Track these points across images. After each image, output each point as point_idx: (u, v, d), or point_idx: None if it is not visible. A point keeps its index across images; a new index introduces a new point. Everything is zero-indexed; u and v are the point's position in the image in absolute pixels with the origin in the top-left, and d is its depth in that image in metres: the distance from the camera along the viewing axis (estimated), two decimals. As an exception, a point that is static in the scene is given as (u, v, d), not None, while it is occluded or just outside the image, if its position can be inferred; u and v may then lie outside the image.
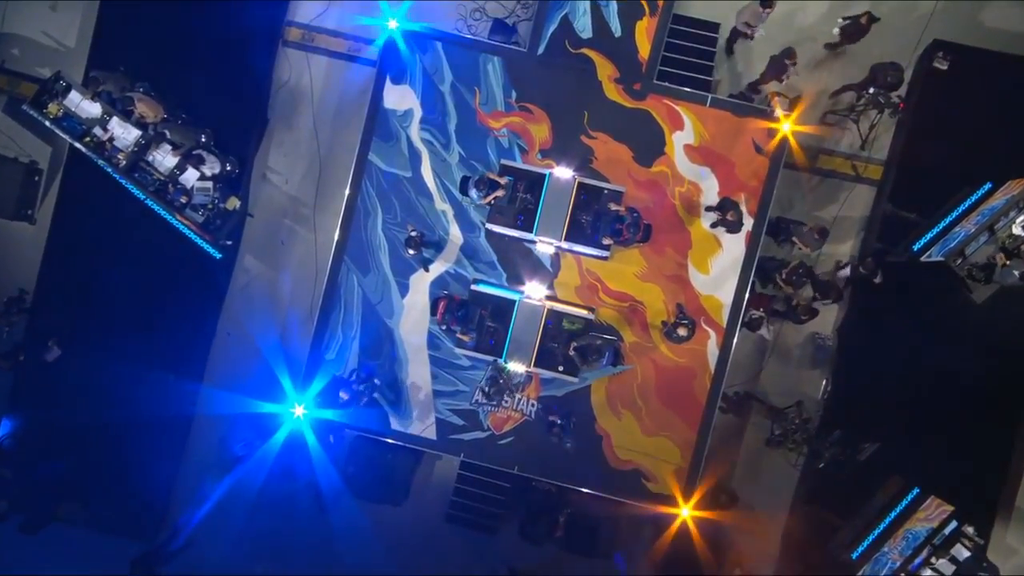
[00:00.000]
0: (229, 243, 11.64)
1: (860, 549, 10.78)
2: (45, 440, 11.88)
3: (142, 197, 11.18)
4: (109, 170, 11.12)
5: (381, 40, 11.36)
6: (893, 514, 10.87)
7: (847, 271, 11.65)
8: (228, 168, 11.41)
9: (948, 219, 10.89)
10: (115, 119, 11.09)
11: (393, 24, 11.23)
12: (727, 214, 10.94)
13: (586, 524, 11.76)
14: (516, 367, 11.14)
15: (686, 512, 11.15)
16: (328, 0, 12.11)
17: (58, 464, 11.83)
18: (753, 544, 11.77)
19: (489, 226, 11.23)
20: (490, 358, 11.11)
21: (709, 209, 11.26)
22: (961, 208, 10.89)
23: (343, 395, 11.04)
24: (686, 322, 10.95)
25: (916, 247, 10.95)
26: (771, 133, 11.21)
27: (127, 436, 11.67)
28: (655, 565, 11.50)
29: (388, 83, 11.43)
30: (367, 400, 11.23)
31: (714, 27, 11.79)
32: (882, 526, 10.84)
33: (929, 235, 10.93)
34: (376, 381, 11.33)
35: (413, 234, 11.00)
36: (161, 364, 11.56)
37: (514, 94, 11.39)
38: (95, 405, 11.55)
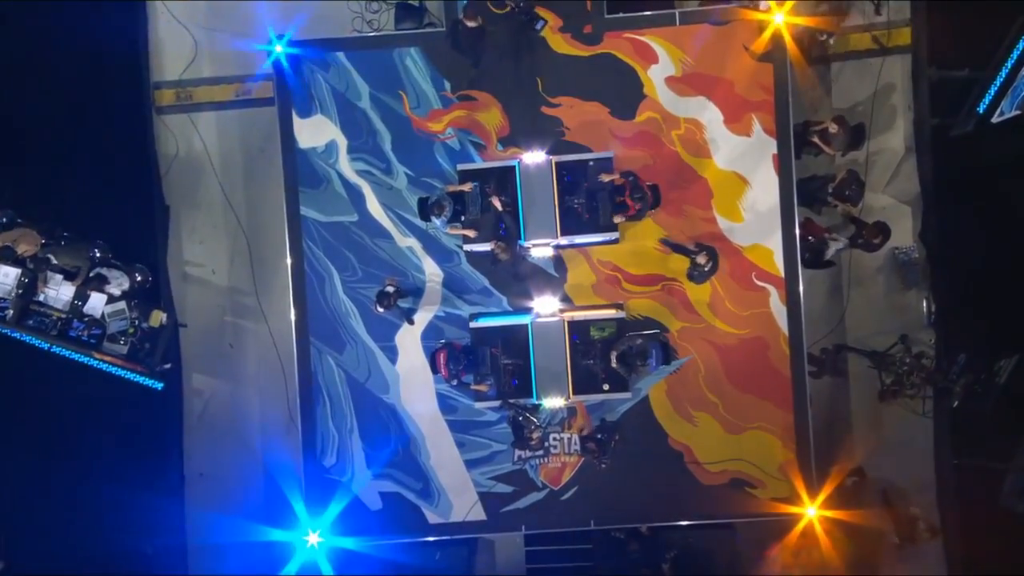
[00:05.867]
0: (168, 366, 9.91)
1: (1038, 490, 8.96)
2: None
3: (45, 347, 9.41)
4: (-2, 328, 9.33)
5: (268, 65, 9.68)
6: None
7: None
8: (139, 279, 9.68)
9: (1010, 62, 9.23)
10: (-17, 265, 9.28)
11: (279, 49, 9.55)
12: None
13: (697, 562, 9.79)
14: (553, 403, 9.42)
15: (812, 512, 9.27)
16: (194, 40, 10.33)
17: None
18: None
19: (468, 248, 9.56)
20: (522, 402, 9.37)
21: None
22: (1021, 45, 9.18)
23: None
24: (694, 249, 9.14)
25: (981, 108, 9.37)
26: (764, 30, 9.42)
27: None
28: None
29: (296, 119, 9.75)
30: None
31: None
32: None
33: (992, 89, 9.30)
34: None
35: (390, 289, 9.28)
36: (128, 538, 9.78)
37: (447, 84, 9.77)
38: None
